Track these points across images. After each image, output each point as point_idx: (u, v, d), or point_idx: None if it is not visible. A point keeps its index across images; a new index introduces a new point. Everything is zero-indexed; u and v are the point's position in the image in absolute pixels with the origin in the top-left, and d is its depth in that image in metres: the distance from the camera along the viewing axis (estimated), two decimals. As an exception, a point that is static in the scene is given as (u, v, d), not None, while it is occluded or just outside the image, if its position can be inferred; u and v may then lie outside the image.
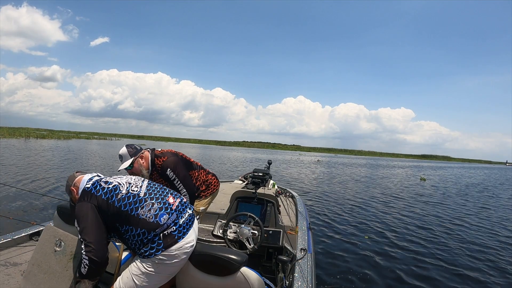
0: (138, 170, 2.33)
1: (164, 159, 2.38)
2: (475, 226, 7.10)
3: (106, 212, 1.54)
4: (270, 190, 3.74)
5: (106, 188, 1.60)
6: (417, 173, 27.19)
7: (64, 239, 1.67)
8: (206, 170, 2.84)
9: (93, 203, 1.55)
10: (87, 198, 1.57)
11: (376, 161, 65.74)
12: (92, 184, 1.63)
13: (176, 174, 2.35)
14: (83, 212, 1.52)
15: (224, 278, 1.61)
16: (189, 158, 2.70)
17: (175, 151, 2.58)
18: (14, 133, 46.40)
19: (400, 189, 13.89)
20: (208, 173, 2.82)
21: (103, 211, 1.54)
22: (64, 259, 1.63)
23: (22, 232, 2.44)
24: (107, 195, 1.57)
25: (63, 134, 68.52)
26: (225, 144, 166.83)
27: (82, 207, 1.55)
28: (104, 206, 1.54)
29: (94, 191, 1.59)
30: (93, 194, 1.58)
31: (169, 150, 2.57)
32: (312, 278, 2.13)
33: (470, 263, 4.61)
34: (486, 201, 11.41)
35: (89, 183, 1.64)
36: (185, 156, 2.65)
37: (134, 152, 2.33)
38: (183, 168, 2.45)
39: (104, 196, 1.57)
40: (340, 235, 5.55)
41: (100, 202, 1.55)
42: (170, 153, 2.47)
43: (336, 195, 10.64)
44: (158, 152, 2.47)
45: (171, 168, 2.34)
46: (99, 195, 1.57)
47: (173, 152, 2.51)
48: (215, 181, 2.85)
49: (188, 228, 1.64)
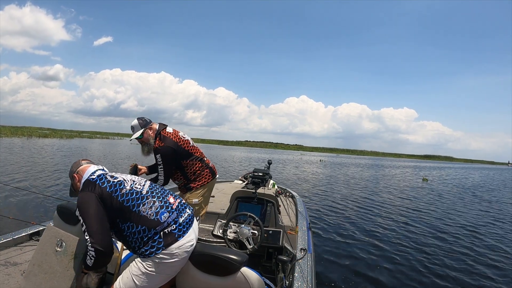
0: (147, 140, 2.63)
1: (161, 145, 2.58)
2: (475, 226, 7.07)
3: (109, 206, 1.52)
4: (270, 190, 3.73)
5: (112, 182, 1.59)
6: (419, 174, 27.12)
7: (65, 240, 1.67)
8: (204, 162, 2.81)
9: (96, 193, 1.53)
10: (91, 188, 1.54)
11: (378, 161, 65.63)
12: (97, 176, 1.61)
13: (162, 161, 2.58)
14: (86, 201, 1.50)
15: (224, 278, 1.61)
16: (189, 148, 2.71)
17: (179, 137, 2.66)
18: (17, 132, 46.65)
19: (402, 189, 13.86)
20: (204, 165, 2.79)
21: (106, 204, 1.52)
22: (65, 259, 1.62)
23: (22, 232, 2.43)
24: (112, 189, 1.56)
25: (66, 133, 68.89)
26: (228, 143, 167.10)
27: (85, 196, 1.52)
28: (108, 199, 1.53)
29: (99, 182, 1.57)
30: (98, 185, 1.55)
31: (175, 135, 2.67)
32: (312, 278, 2.13)
33: (470, 263, 4.59)
34: (487, 202, 11.38)
35: (94, 175, 1.62)
36: (185, 146, 2.67)
37: (144, 124, 2.62)
38: (172, 159, 2.62)
39: (108, 189, 1.55)
40: (340, 235, 5.54)
41: (104, 194, 1.53)
42: (170, 141, 2.60)
43: (336, 195, 10.62)
44: (163, 132, 2.65)
45: (161, 155, 2.57)
46: (104, 187, 1.55)
47: (174, 141, 2.61)
48: (207, 174, 2.80)
49: (188, 227, 1.64)
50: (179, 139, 2.65)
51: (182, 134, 2.74)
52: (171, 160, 2.61)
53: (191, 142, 2.77)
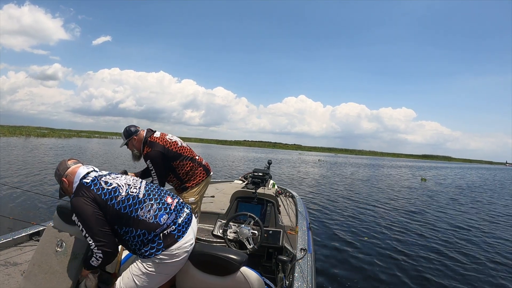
0: (132, 149, 2.74)
1: (149, 150, 2.63)
2: (475, 226, 7.09)
3: (104, 213, 1.51)
4: (270, 190, 3.73)
5: (106, 189, 1.56)
6: (418, 174, 27.18)
7: (65, 240, 1.67)
8: (196, 161, 2.81)
9: (90, 198, 1.51)
10: (85, 193, 1.52)
11: (377, 161, 65.72)
12: (91, 180, 1.58)
13: (153, 166, 2.63)
14: (83, 206, 1.49)
15: (224, 278, 1.61)
16: (177, 149, 2.72)
17: (166, 140, 2.69)
18: (15, 131, 46.46)
19: (401, 189, 13.89)
20: (196, 164, 2.80)
21: (101, 211, 1.51)
22: (65, 259, 1.62)
23: (22, 232, 2.43)
24: (107, 196, 1.53)
25: (64, 133, 68.61)
26: (226, 143, 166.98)
27: (80, 201, 1.50)
28: (103, 206, 1.51)
29: (94, 188, 1.54)
30: (92, 191, 1.53)
31: (162, 138, 2.70)
32: (312, 278, 2.13)
33: (469, 263, 4.61)
34: (484, 202, 11.42)
35: (88, 178, 1.59)
36: (173, 148, 2.69)
37: (128, 134, 2.69)
38: (163, 162, 2.66)
39: (104, 197, 1.53)
40: (340, 235, 5.55)
41: (98, 200, 1.51)
42: (158, 145, 2.63)
43: (336, 195, 10.63)
44: (151, 138, 2.69)
45: (150, 160, 2.62)
46: (99, 194, 1.53)
47: (161, 145, 2.64)
48: (201, 172, 2.81)
49: (187, 227, 1.64)
50: (166, 142, 2.69)
51: (169, 136, 2.77)
52: (161, 163, 2.64)
53: (180, 143, 2.79)
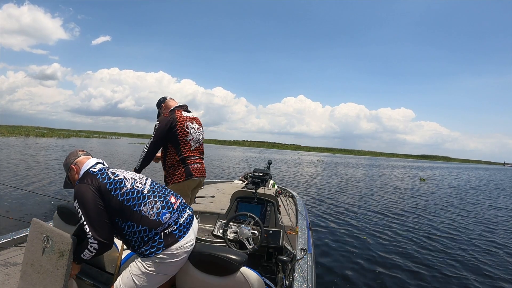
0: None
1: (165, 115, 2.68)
2: (473, 225, 7.11)
3: (107, 203, 1.50)
4: (270, 190, 3.73)
5: (112, 179, 1.55)
6: (417, 174, 27.23)
7: (50, 235, 1.61)
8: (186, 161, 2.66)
9: (95, 186, 1.50)
10: (90, 181, 1.52)
11: (376, 161, 65.80)
12: (98, 170, 1.59)
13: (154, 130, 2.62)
14: (86, 193, 1.48)
15: (224, 278, 1.60)
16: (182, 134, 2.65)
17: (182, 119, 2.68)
18: (14, 131, 46.36)
19: (400, 189, 13.91)
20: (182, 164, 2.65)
21: (104, 201, 1.50)
22: (53, 257, 1.58)
23: (22, 232, 2.42)
24: (112, 186, 1.53)
25: (63, 133, 68.55)
26: (225, 143, 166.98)
27: (84, 187, 1.49)
28: (106, 196, 1.50)
29: (100, 177, 1.54)
30: (98, 179, 1.53)
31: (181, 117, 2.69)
32: (312, 278, 2.13)
33: (469, 262, 4.62)
34: (483, 201, 11.45)
35: (95, 168, 1.59)
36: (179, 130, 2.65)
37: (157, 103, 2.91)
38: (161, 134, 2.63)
39: (108, 186, 1.52)
40: (340, 235, 5.56)
41: (103, 189, 1.50)
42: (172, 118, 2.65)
43: (336, 195, 10.65)
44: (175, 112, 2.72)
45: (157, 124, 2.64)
46: (104, 183, 1.52)
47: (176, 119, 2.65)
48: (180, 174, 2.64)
49: (188, 228, 1.64)
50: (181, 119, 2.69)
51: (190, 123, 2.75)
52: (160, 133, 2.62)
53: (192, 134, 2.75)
